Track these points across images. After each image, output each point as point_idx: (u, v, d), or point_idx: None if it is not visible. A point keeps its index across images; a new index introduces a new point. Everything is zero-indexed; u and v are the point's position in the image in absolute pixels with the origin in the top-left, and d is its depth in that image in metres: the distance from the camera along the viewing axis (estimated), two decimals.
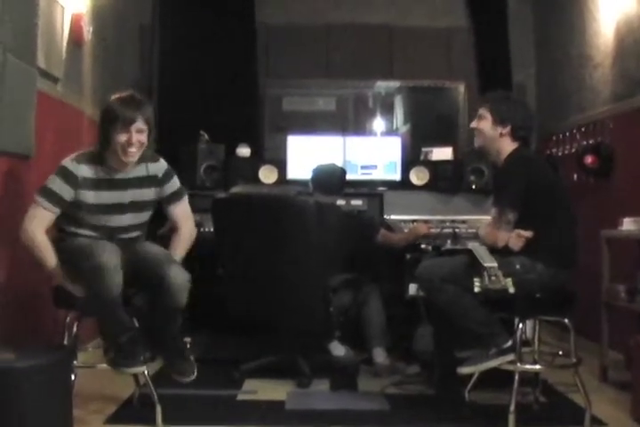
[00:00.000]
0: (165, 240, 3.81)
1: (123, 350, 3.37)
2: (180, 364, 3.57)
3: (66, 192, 3.40)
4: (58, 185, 3.39)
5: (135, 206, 3.64)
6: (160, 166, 3.72)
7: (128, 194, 3.59)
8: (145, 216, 3.72)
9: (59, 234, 3.52)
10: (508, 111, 3.73)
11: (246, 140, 5.99)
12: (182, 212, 3.83)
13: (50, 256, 3.39)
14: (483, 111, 3.79)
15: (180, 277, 3.43)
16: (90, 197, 3.48)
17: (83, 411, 3.65)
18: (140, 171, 3.62)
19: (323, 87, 7.03)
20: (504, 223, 3.53)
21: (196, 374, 3.59)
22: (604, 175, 5.06)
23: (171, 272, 3.41)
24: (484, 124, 3.77)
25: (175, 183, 3.78)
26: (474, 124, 3.85)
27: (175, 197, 3.78)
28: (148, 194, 3.68)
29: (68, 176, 3.41)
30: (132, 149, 3.45)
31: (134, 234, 3.69)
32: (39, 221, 3.38)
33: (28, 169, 3.86)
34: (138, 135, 3.45)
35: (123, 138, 3.42)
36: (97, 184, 3.49)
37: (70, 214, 3.48)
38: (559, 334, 4.70)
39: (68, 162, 3.45)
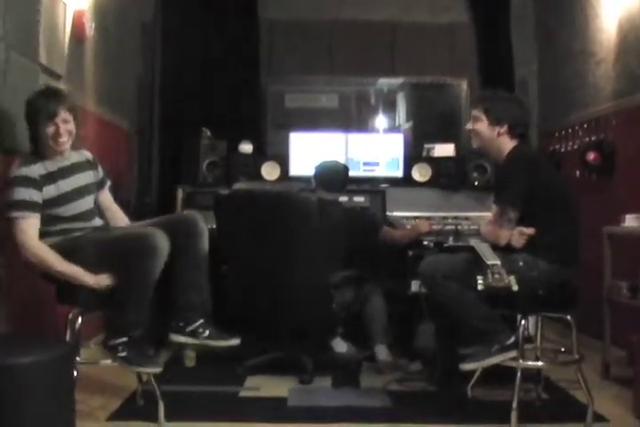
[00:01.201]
0: None
1: (134, 348, 3.40)
2: (213, 329, 3.63)
3: (35, 195, 3.40)
4: (24, 193, 3.38)
5: (88, 189, 3.69)
6: (88, 153, 3.82)
7: (79, 178, 3.66)
8: (94, 198, 3.78)
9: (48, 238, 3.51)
10: (504, 110, 3.73)
11: (249, 137, 5.99)
12: (110, 199, 3.91)
13: (69, 266, 3.38)
14: (476, 113, 3.78)
15: (201, 220, 3.65)
16: (52, 190, 3.50)
17: (85, 407, 3.66)
18: (77, 157, 3.70)
19: (325, 84, 7.02)
20: (505, 221, 3.53)
21: (235, 337, 3.69)
22: (607, 172, 5.05)
23: (193, 217, 3.64)
24: (480, 125, 3.77)
25: (101, 169, 3.87)
26: (469, 126, 3.84)
27: (105, 182, 3.87)
28: (91, 176, 3.76)
29: (27, 181, 3.41)
30: (63, 139, 3.51)
31: (98, 222, 3.72)
32: (30, 233, 3.37)
33: None
34: (65, 125, 3.50)
35: (51, 130, 3.48)
36: (52, 177, 3.52)
37: (46, 216, 3.49)
38: (561, 331, 4.70)
39: (18, 170, 3.44)
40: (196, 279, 3.62)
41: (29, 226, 3.37)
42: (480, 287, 3.42)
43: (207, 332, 3.55)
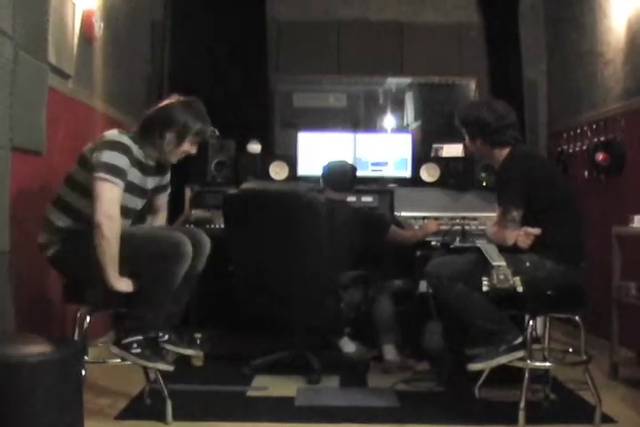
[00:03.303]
0: None
1: (148, 346, 3.44)
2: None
3: (127, 170, 3.41)
4: (123, 162, 3.38)
5: (147, 193, 3.73)
6: None
7: (149, 180, 3.70)
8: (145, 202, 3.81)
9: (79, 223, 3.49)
10: (473, 125, 3.77)
11: (257, 137, 5.99)
12: (165, 201, 3.98)
13: (114, 259, 3.36)
14: (462, 130, 3.87)
15: (207, 240, 3.69)
16: (137, 177, 3.54)
17: (94, 406, 3.68)
18: (152, 159, 3.69)
19: (333, 83, 7.01)
20: (509, 222, 3.54)
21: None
22: (615, 172, 5.04)
23: (202, 238, 3.67)
24: (467, 142, 3.89)
25: (169, 174, 3.91)
26: (465, 142, 3.94)
27: (167, 186, 3.94)
28: (157, 181, 3.80)
29: (128, 153, 3.42)
30: (180, 158, 3.66)
31: (129, 223, 3.74)
32: (117, 204, 3.37)
33: (40, 166, 3.87)
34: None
35: (192, 149, 3.64)
36: (140, 165, 3.56)
37: None
38: (569, 332, 4.70)
39: (123, 138, 3.45)
40: (182, 293, 3.64)
41: (117, 196, 3.37)
42: (485, 289, 3.43)
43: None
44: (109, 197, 3.33)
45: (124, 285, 3.38)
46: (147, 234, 3.60)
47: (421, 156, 6.06)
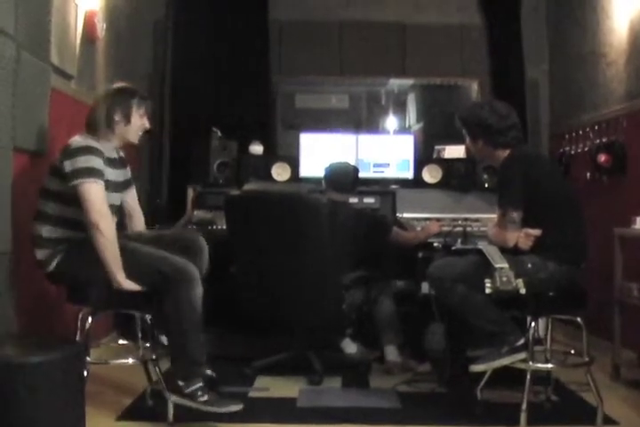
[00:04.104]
0: None
1: (210, 389, 3.47)
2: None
3: (103, 170, 3.43)
4: (97, 162, 3.41)
5: (120, 186, 3.73)
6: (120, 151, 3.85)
7: (119, 173, 3.72)
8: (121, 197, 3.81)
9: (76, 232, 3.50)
10: (476, 125, 3.76)
11: (259, 138, 6.00)
12: (135, 199, 3.95)
13: (117, 256, 3.39)
14: (463, 131, 3.86)
15: (206, 246, 3.72)
16: (110, 173, 3.55)
17: (95, 407, 3.65)
18: (116, 152, 3.75)
19: (335, 84, 7.03)
20: (509, 223, 3.54)
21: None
22: (617, 174, 5.04)
23: (200, 243, 3.71)
24: (468, 142, 3.88)
25: (129, 169, 3.91)
26: (466, 143, 3.94)
27: (132, 182, 3.91)
28: (124, 174, 3.82)
29: (99, 154, 3.44)
30: (140, 133, 3.72)
31: (116, 219, 3.73)
32: (106, 202, 3.41)
33: (42, 166, 3.86)
34: None
35: (145, 122, 3.69)
36: (110, 162, 3.58)
37: None
38: (571, 333, 4.68)
39: (89, 141, 3.48)
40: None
41: (104, 195, 3.40)
42: (488, 291, 3.43)
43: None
44: (97, 196, 3.37)
45: (128, 284, 3.40)
46: (148, 264, 3.50)
47: (423, 157, 6.06)
